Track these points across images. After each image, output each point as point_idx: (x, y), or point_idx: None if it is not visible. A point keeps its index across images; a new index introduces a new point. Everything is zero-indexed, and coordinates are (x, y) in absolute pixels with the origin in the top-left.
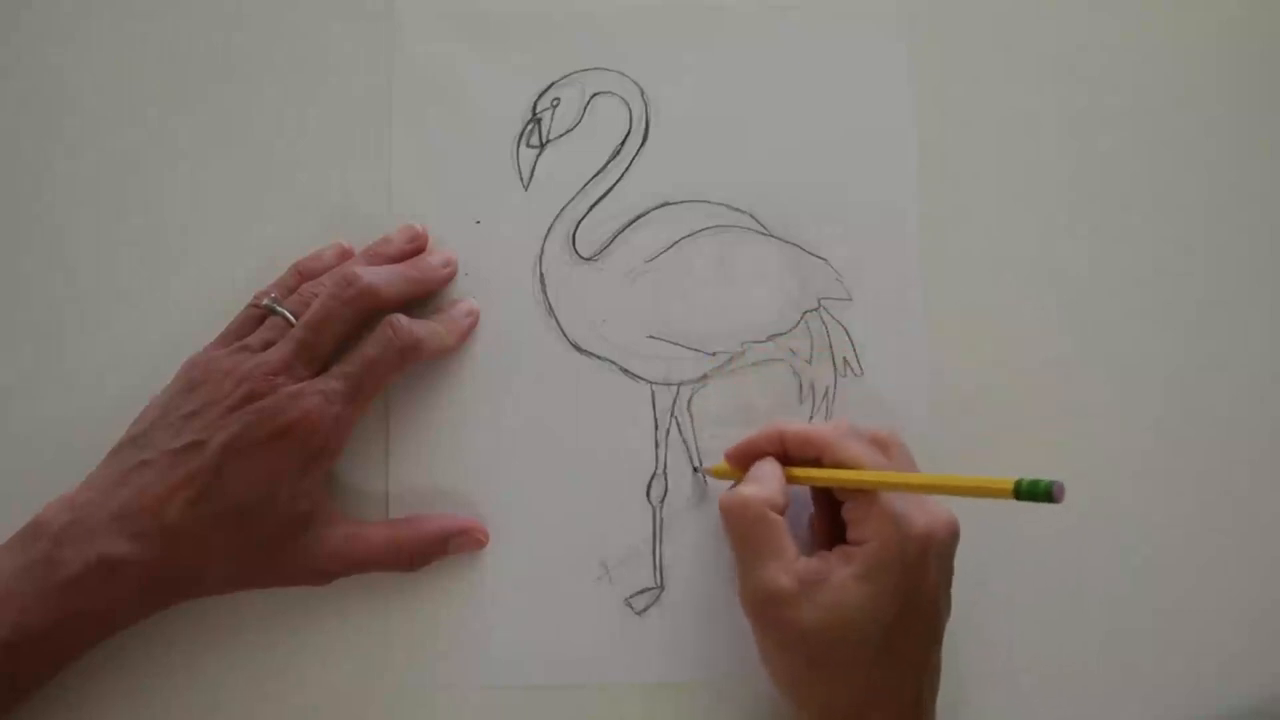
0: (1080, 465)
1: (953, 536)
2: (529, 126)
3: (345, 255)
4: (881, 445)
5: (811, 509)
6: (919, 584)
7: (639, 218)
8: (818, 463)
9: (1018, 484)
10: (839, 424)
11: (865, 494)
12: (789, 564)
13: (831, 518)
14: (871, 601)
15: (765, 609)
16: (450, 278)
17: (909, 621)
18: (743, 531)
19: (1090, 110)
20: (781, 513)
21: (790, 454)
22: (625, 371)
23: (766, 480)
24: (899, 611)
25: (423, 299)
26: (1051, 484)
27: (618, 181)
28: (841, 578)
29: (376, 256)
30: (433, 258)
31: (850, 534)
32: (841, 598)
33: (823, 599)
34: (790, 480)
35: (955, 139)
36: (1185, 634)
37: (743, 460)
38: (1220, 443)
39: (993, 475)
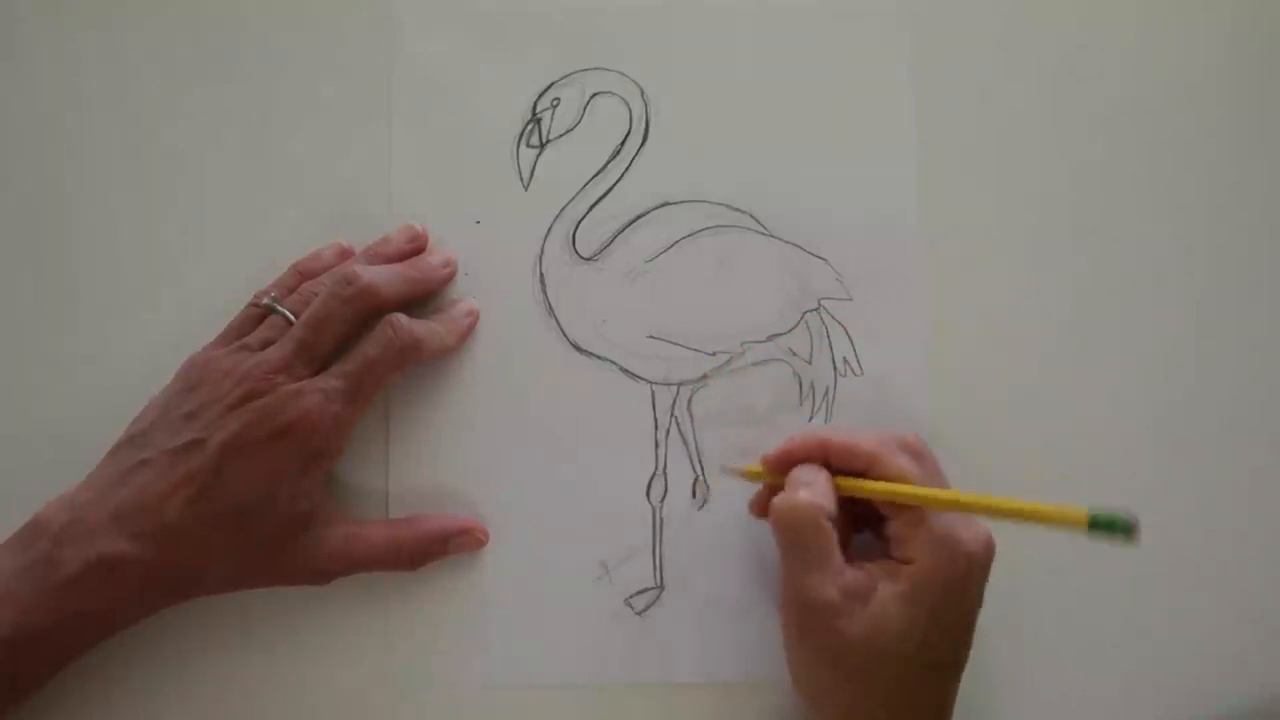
0: (1080, 465)
1: (991, 555)
2: (529, 126)
3: (345, 255)
4: (915, 454)
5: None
6: (960, 604)
7: (639, 218)
8: (864, 475)
9: (1093, 518)
10: (884, 436)
11: (914, 512)
12: (835, 575)
13: (847, 527)
14: (913, 621)
15: (808, 618)
16: (450, 278)
17: (945, 638)
18: (794, 538)
19: (1090, 110)
20: (833, 521)
21: (833, 464)
22: (625, 371)
23: (818, 486)
24: (937, 629)
25: (423, 299)
26: (1130, 521)
27: (618, 181)
28: (886, 594)
29: (376, 256)
30: (433, 258)
31: (896, 551)
32: (884, 613)
33: (867, 613)
34: (838, 490)
35: (955, 139)
36: (1185, 634)
37: (781, 465)
38: (1221, 443)
39: (997, 475)
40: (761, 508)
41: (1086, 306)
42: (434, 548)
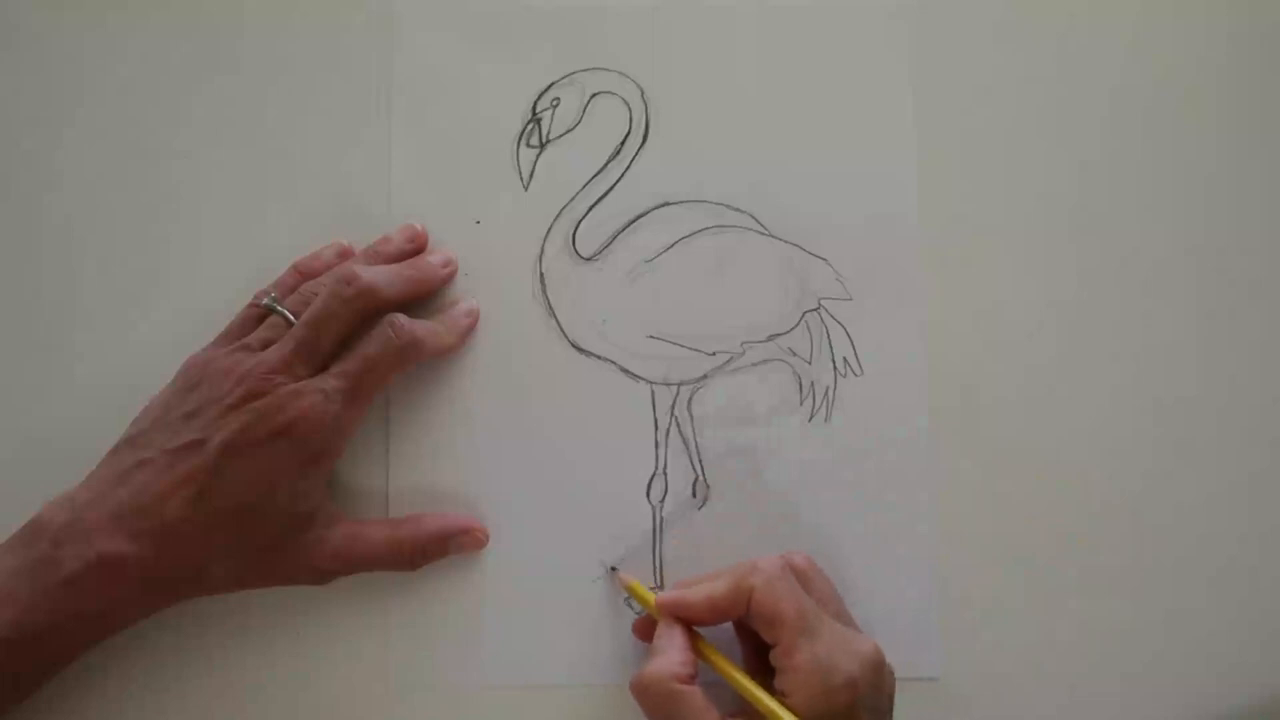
0: (1080, 465)
1: (878, 671)
2: (529, 126)
3: (345, 255)
4: (801, 577)
5: None
6: None
7: (639, 218)
8: (746, 613)
9: None
10: (772, 567)
11: (788, 643)
12: None
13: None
14: None
15: None
16: (450, 277)
17: None
18: (654, 708)
19: (1090, 110)
20: (689, 680)
21: (728, 613)
22: (625, 371)
23: (667, 651)
24: None
25: (423, 299)
26: None
27: (618, 181)
28: None
29: (376, 256)
30: (433, 257)
31: (776, 681)
32: None
33: None
34: (699, 654)
35: (955, 139)
36: (1186, 634)
37: (663, 612)
38: (1221, 444)
39: (997, 475)
40: (638, 631)
41: (1086, 306)
42: (434, 548)
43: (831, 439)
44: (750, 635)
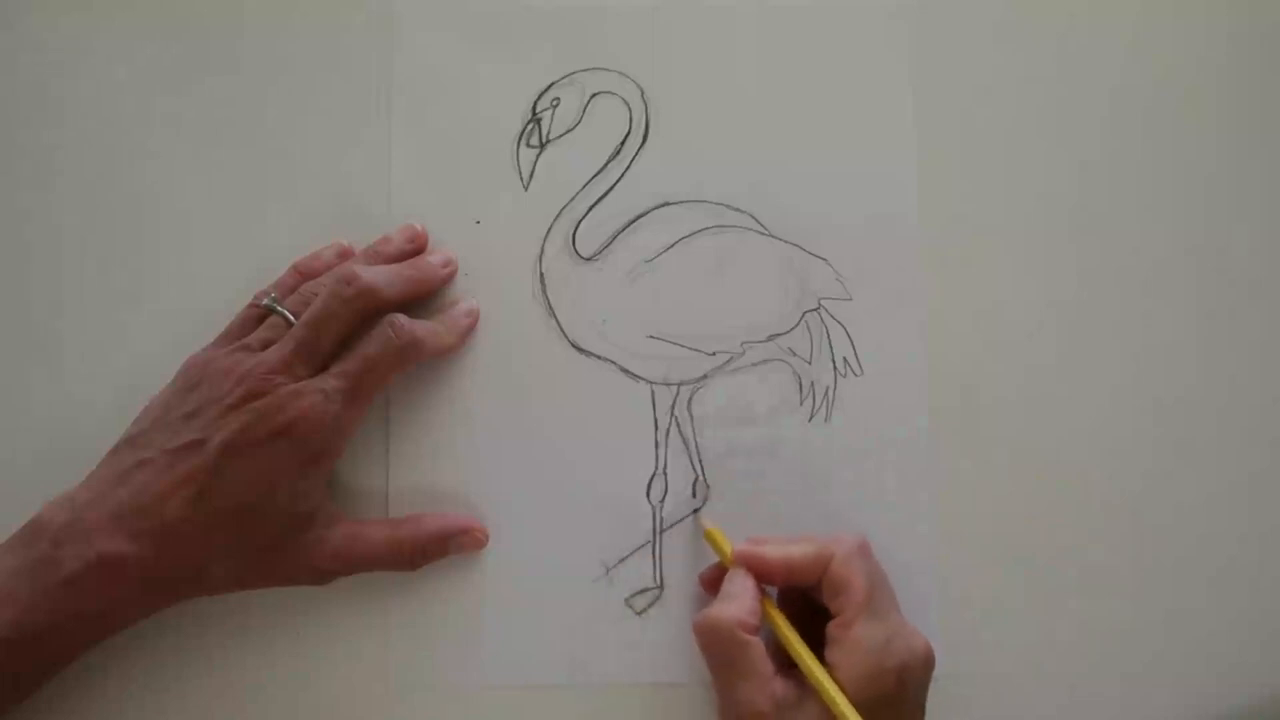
0: (1080, 465)
1: (928, 668)
2: (529, 126)
3: (345, 255)
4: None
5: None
6: (893, 717)
7: (639, 218)
8: (819, 581)
9: None
10: (844, 543)
11: (850, 617)
12: (764, 683)
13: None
14: None
15: None
16: (450, 277)
17: None
18: (715, 652)
19: (1090, 109)
20: (754, 631)
21: (795, 578)
22: (625, 371)
23: (738, 599)
24: None
25: (423, 299)
26: None
27: (618, 181)
28: (815, 708)
29: (376, 256)
30: (433, 257)
31: (828, 652)
32: None
33: None
34: (765, 611)
35: (955, 139)
36: (1186, 634)
37: (739, 563)
38: (1221, 444)
39: (997, 475)
40: (707, 584)
41: (1086, 306)
42: (434, 548)
43: (831, 439)
44: (794, 607)
